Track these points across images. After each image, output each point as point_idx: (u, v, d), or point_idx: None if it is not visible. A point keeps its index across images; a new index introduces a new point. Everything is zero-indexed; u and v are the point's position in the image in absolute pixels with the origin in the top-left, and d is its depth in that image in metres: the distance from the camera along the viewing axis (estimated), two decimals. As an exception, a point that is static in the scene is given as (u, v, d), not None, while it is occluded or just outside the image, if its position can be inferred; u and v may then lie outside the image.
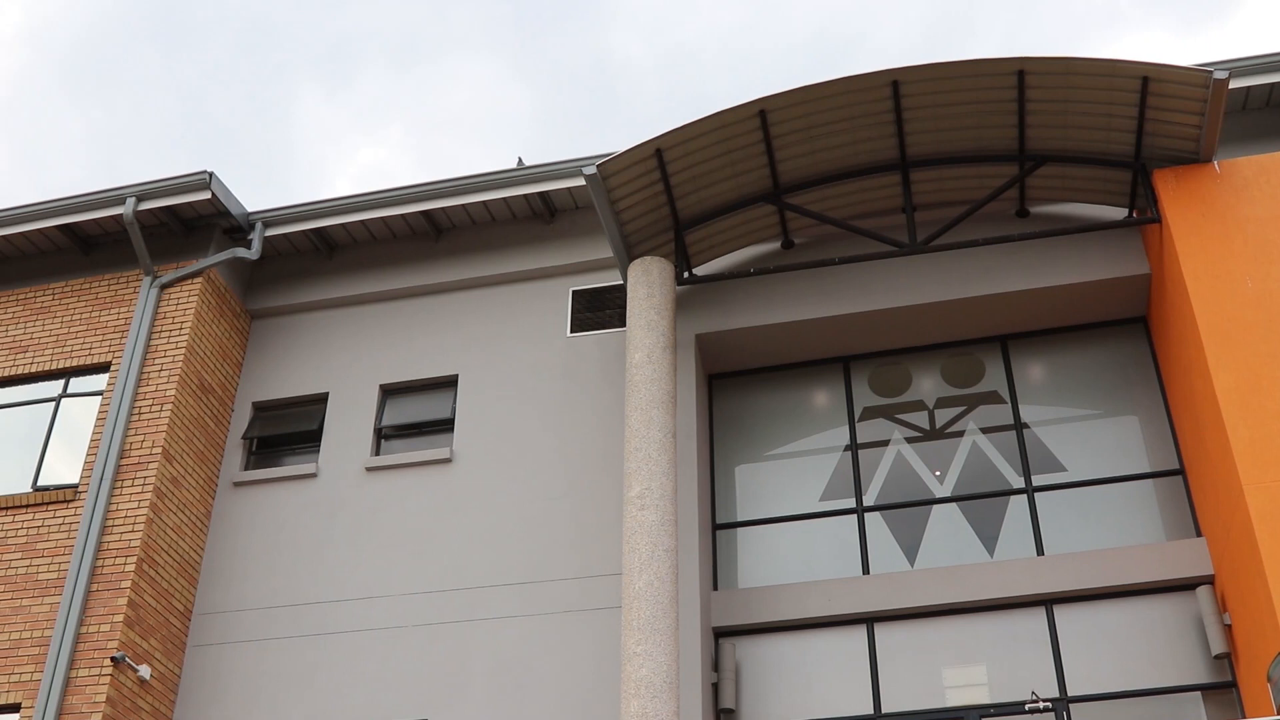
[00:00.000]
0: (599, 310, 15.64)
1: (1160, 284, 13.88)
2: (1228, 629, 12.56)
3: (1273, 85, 14.76)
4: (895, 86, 13.43)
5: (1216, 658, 12.55)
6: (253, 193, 61.04)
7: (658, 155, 13.71)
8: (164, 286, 15.87)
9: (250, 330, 16.78)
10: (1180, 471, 13.83)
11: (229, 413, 16.08)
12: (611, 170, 13.64)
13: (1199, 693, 12.59)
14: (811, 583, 13.67)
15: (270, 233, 16.29)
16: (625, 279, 14.54)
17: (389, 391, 15.97)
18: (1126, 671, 12.82)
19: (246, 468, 15.87)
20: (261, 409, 16.27)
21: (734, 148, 13.91)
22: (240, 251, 15.91)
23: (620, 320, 15.48)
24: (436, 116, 56.79)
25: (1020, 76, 13.23)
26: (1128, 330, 14.87)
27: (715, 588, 14.17)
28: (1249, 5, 53.23)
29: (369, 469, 15.22)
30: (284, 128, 57.72)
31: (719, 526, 14.57)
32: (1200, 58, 17.21)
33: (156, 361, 15.37)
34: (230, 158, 56.37)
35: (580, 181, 15.64)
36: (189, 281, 15.89)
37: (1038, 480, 14.13)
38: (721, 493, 14.83)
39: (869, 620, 13.59)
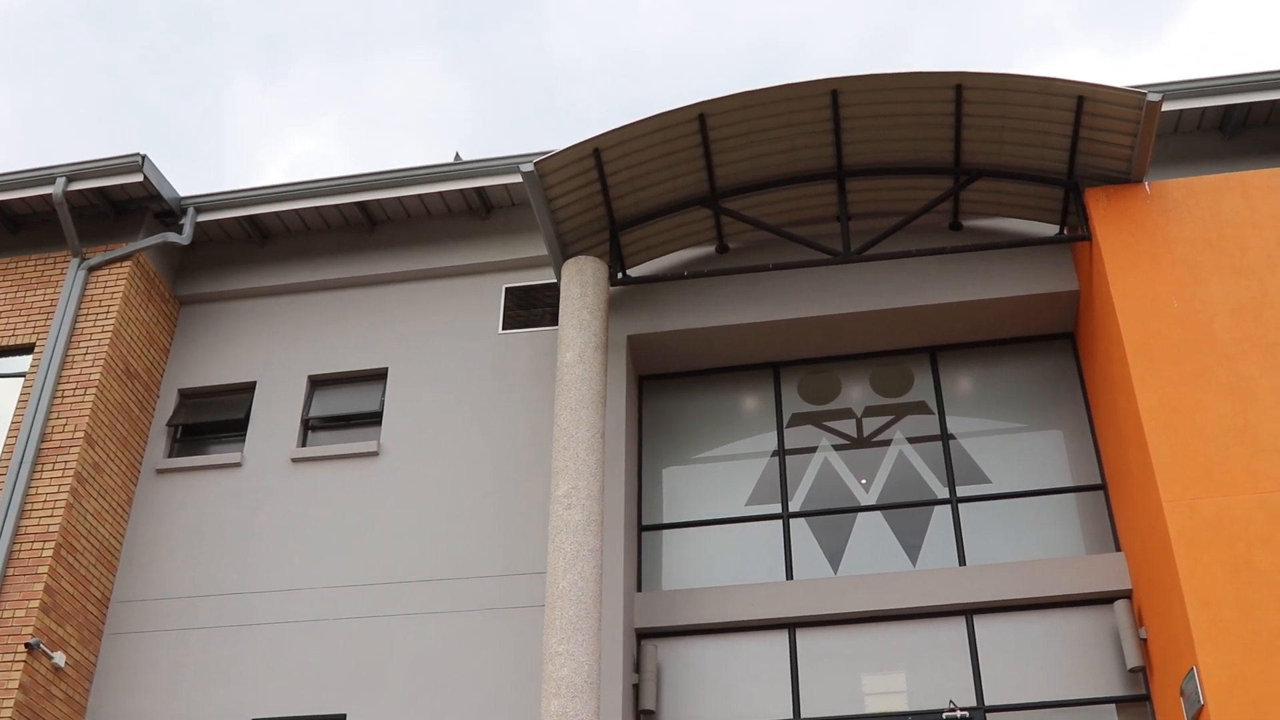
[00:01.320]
0: (532, 308, 15.61)
1: (1089, 301, 14.05)
2: (1143, 643, 12.73)
3: (1204, 109, 14.98)
4: (835, 96, 13.50)
5: (1132, 671, 12.71)
6: (185, 179, 60.31)
7: (595, 155, 13.70)
8: (92, 269, 15.67)
9: (179, 316, 16.60)
10: (1102, 486, 14.00)
11: (154, 399, 15.90)
12: (549, 168, 13.62)
13: (1113, 705, 12.75)
14: (735, 586, 13.71)
15: (202, 218, 16.13)
16: (559, 278, 14.52)
17: (317, 383, 15.86)
18: (1043, 682, 12.96)
19: (170, 455, 15.70)
20: (187, 396, 16.10)
21: (672, 150, 13.93)
22: (171, 236, 15.73)
23: (553, 319, 15.46)
24: (372, 110, 56.41)
25: (958, 91, 13.34)
26: (1055, 346, 15.03)
27: (639, 589, 14.18)
28: (1183, 29, 54.02)
29: (295, 460, 15.10)
30: (217, 115, 57.11)
31: (645, 528, 14.59)
32: (1135, 79, 17.42)
33: (81, 344, 15.17)
34: (162, 143, 55.72)
35: (517, 178, 15.60)
36: (118, 265, 15.71)
37: (962, 491, 14.25)
38: (648, 494, 14.85)
39: (791, 625, 13.65)
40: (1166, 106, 14.77)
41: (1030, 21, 54.45)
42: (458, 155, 16.93)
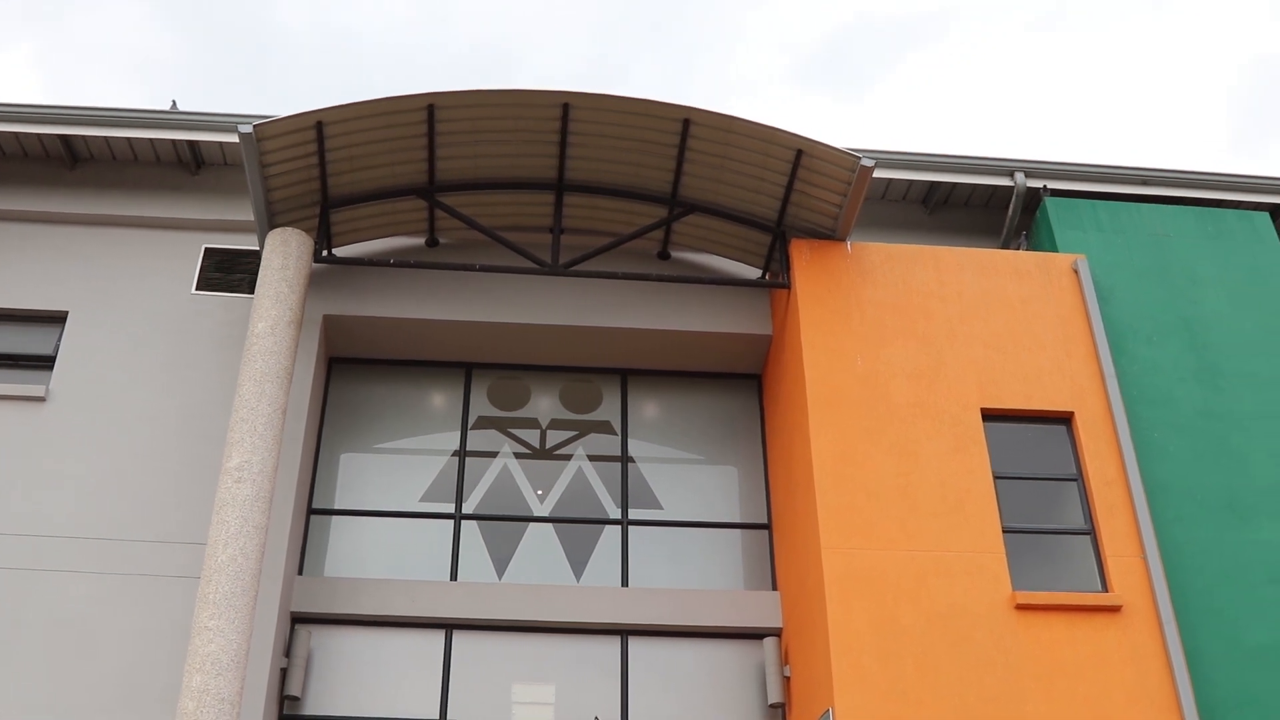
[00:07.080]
0: (230, 273, 15.18)
1: (779, 347, 14.50)
2: (787, 680, 13.18)
3: (912, 182, 15.68)
4: (566, 109, 13.59)
5: (772, 706, 13.15)
6: None
7: (318, 128, 13.44)
8: None
9: None
10: (767, 526, 14.45)
11: None
12: (268, 134, 13.29)
13: (748, 738, 13.17)
14: (398, 581, 13.62)
15: (-114, 126, 15.15)
16: (262, 246, 14.17)
17: (-11, 316, 15.06)
18: (688, 709, 13.27)
19: None
20: None
21: (396, 136, 13.77)
22: None
23: (250, 287, 15.08)
24: (74, 45, 53.78)
25: (685, 125, 13.60)
26: (742, 385, 15.46)
27: (300, 572, 13.93)
28: (887, 95, 56.38)
29: (-48, 394, 14.30)
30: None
31: (314, 511, 14.35)
32: (842, 139, 18.06)
33: None
34: None
35: (234, 138, 15.19)
36: None
37: (634, 514, 14.50)
38: (322, 477, 14.61)
39: (449, 626, 13.63)
40: (878, 173, 15.40)
41: (745, 71, 55.99)
42: (174, 104, 16.33)
